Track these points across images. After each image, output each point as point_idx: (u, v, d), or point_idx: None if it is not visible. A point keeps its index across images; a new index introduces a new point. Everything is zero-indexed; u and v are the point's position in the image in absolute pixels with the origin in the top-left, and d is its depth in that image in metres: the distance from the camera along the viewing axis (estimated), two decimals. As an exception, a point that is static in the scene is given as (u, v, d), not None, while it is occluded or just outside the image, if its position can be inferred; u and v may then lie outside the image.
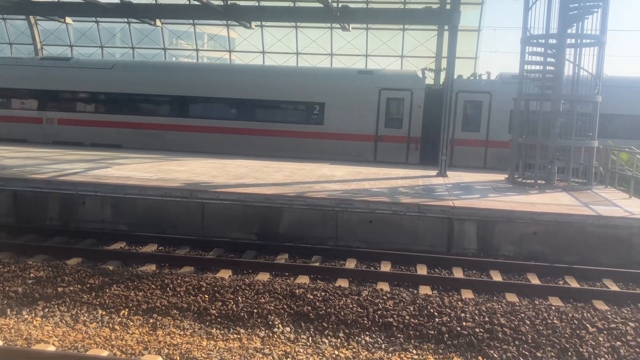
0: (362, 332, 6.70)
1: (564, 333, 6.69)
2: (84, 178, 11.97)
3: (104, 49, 27.82)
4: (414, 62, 25.31)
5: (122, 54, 28.31)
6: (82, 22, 26.79)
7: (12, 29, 28.19)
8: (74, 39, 27.90)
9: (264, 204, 10.83)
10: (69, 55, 26.58)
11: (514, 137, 14.41)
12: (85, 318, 6.80)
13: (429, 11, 17.97)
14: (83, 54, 27.57)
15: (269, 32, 26.03)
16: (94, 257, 9.34)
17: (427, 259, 9.72)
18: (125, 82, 20.90)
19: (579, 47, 13.84)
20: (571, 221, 10.21)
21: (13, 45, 28.16)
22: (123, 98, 20.87)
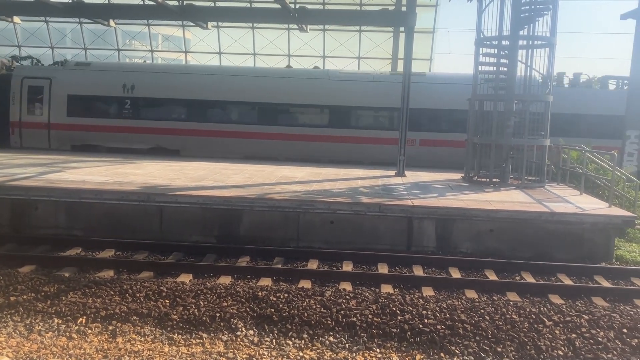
0: (326, 333, 6.71)
1: (522, 327, 6.86)
2: (37, 182, 11.59)
3: (55, 49, 27.04)
4: (371, 63, 25.61)
5: (74, 55, 27.56)
6: (31, 22, 25.97)
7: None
8: (22, 39, 27.01)
9: (223, 207, 10.73)
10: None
11: (469, 137, 14.71)
12: (41, 327, 6.58)
13: (385, 13, 18.16)
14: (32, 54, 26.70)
15: (225, 33, 25.86)
16: (49, 264, 9.04)
17: (388, 257, 9.81)
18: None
19: (530, 49, 14.24)
20: (526, 218, 10.50)
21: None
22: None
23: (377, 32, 24.91)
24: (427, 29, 24.63)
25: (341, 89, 18.91)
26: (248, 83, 19.28)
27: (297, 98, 19.13)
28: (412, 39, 15.48)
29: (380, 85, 18.87)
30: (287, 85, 19.17)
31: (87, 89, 19.60)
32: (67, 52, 29.14)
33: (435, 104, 18.70)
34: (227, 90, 19.26)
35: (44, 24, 26.18)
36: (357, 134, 18.87)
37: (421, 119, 18.47)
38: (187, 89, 19.33)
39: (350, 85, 18.98)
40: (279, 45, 25.69)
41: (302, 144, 18.98)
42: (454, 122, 18.66)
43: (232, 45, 26.10)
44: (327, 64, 25.71)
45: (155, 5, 17.39)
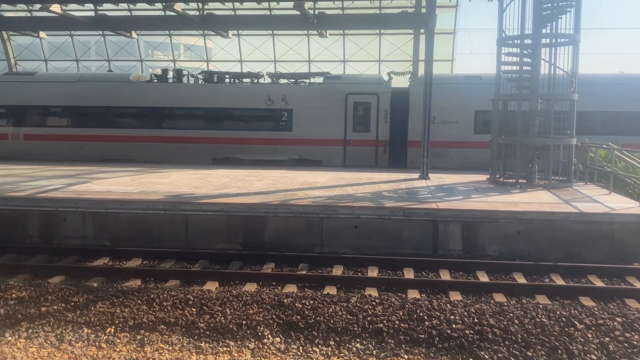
0: (353, 339, 6.67)
1: (553, 331, 6.73)
2: (64, 194, 11.79)
3: (79, 62, 27.54)
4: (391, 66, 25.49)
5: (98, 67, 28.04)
6: (57, 36, 26.50)
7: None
8: (48, 53, 27.58)
9: (247, 214, 10.77)
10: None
11: (494, 138, 14.54)
12: (71, 337, 6.67)
13: (404, 15, 18.09)
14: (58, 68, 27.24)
15: (245, 41, 26.03)
16: (77, 274, 9.17)
17: (413, 262, 9.72)
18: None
19: (554, 47, 14.03)
20: (554, 219, 10.31)
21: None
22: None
23: (398, 35, 24.80)
24: (448, 30, 24.46)
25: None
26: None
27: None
28: (433, 41, 15.41)
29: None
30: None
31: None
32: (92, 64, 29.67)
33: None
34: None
35: (68, 38, 26.68)
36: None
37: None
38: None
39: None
40: (299, 51, 25.77)
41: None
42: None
43: (253, 53, 26.27)
44: (347, 69, 25.70)
45: (176, 16, 17.61)
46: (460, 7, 23.69)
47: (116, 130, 20.38)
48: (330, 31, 21.32)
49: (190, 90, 20.53)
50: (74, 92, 20.62)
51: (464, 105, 18.79)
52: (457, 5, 23.63)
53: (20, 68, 26.84)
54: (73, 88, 20.66)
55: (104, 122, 20.50)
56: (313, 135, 19.55)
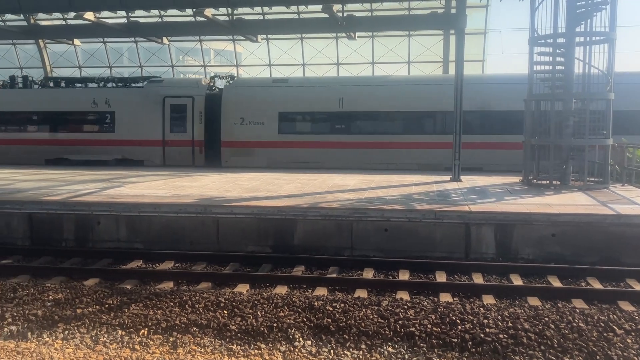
0: (384, 343, 6.61)
1: (590, 336, 6.55)
2: (98, 198, 12.01)
3: (112, 68, 28.09)
4: (421, 67, 25.32)
5: (131, 73, 28.54)
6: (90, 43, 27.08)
7: (22, 54, 28.55)
8: (82, 60, 28.20)
9: (277, 217, 10.80)
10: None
11: (526, 139, 14.29)
12: (105, 339, 6.77)
13: (434, 16, 17.95)
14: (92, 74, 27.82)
15: (275, 45, 26.16)
16: (111, 276, 9.34)
17: (445, 265, 9.61)
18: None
19: (588, 45, 13.73)
20: (590, 221, 10.07)
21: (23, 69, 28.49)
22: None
23: (427, 36, 24.62)
24: (479, 30, 24.17)
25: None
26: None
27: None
28: (463, 41, 15.24)
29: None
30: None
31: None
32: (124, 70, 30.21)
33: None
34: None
35: (102, 45, 27.24)
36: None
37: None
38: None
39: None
40: (327, 54, 25.79)
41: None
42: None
43: (282, 57, 26.40)
44: (376, 70, 25.62)
45: (206, 22, 17.82)
46: (490, 6, 23.43)
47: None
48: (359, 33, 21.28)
49: (29, 95, 21.94)
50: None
51: (270, 107, 19.84)
52: (488, 5, 23.33)
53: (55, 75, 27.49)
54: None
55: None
56: (134, 136, 20.68)
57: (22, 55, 28.57)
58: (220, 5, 17.43)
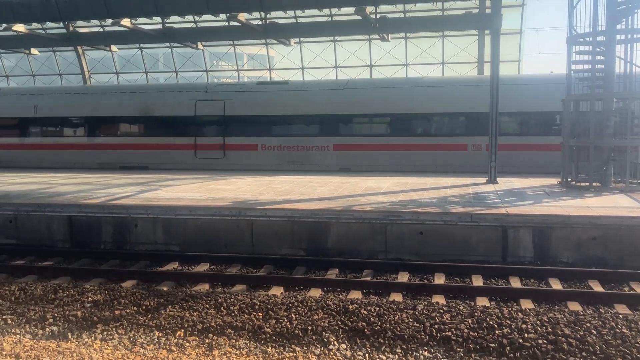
0: (420, 347, 6.53)
1: (635, 343, 6.34)
2: (135, 201, 12.22)
3: (149, 74, 28.59)
4: (455, 68, 25.00)
5: (166, 78, 29.00)
6: (127, 49, 27.61)
7: (61, 60, 29.30)
8: (119, 66, 28.79)
9: (311, 219, 10.79)
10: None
11: (565, 139, 13.96)
12: (143, 340, 6.87)
13: (469, 16, 17.68)
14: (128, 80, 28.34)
15: (307, 48, 26.21)
16: (148, 278, 9.48)
17: (482, 269, 9.45)
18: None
19: (629, 43, 13.34)
20: (632, 224, 9.77)
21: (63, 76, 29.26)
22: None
23: (461, 37, 24.30)
24: (514, 29, 23.72)
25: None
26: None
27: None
28: (499, 41, 14.98)
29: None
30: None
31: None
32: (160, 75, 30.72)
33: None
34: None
35: (138, 51, 27.75)
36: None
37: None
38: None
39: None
40: (360, 56, 25.70)
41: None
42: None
43: (314, 60, 26.42)
44: (410, 72, 25.41)
45: (239, 26, 17.95)
46: (526, 5, 22.93)
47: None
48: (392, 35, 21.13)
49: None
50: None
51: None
52: (524, 4, 22.88)
53: (94, 81, 28.14)
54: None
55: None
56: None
57: (61, 62, 29.33)
58: (253, 10, 17.53)
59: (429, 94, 19.58)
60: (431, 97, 19.36)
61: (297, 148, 20.07)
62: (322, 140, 19.85)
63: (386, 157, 19.22)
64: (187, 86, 23.32)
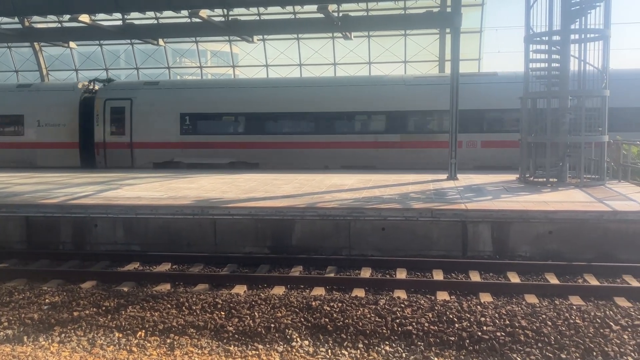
0: (382, 342, 6.61)
1: (587, 333, 6.56)
2: (95, 200, 12.00)
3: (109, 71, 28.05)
4: (418, 67, 25.32)
5: (127, 75, 28.51)
6: (86, 46, 27.04)
7: (18, 57, 28.49)
8: (78, 63, 28.16)
9: (275, 217, 10.79)
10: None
11: (523, 136, 14.30)
12: (102, 341, 6.76)
13: (430, 15, 17.95)
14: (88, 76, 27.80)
15: (271, 45, 26.14)
16: (109, 279, 9.32)
17: (442, 263, 9.62)
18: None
19: (583, 43, 13.75)
20: (587, 218, 10.08)
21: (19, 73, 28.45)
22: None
23: (423, 35, 24.62)
24: (474, 28, 24.16)
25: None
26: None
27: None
28: (459, 40, 15.24)
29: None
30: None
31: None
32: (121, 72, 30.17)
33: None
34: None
35: (98, 47, 27.20)
36: None
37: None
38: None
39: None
40: (324, 54, 25.77)
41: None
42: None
43: (279, 57, 26.38)
44: (373, 70, 25.62)
45: (201, 23, 17.79)
46: (486, 5, 23.39)
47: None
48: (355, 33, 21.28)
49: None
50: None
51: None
52: (483, 4, 23.33)
53: (52, 79, 27.46)
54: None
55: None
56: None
57: (17, 58, 28.52)
58: (215, 6, 17.41)
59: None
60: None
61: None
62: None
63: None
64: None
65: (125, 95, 20.79)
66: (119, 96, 20.86)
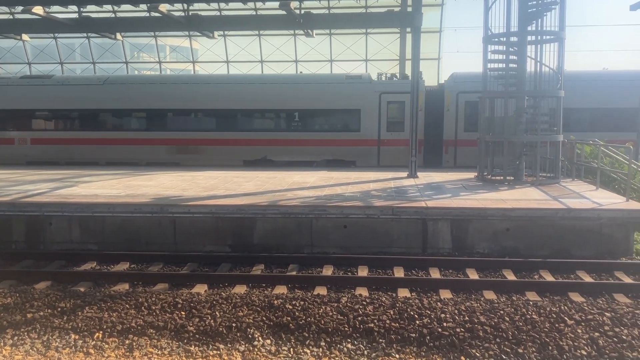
0: (344, 340, 6.64)
1: (543, 327, 6.74)
2: (50, 198, 11.63)
3: (64, 65, 27.27)
4: (378, 65, 25.53)
5: (83, 69, 27.79)
6: (40, 39, 26.22)
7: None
8: (31, 56, 27.28)
9: (236, 215, 10.69)
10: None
11: (481, 135, 14.58)
12: (58, 344, 6.57)
13: (390, 14, 18.09)
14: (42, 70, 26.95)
15: (232, 41, 25.92)
16: (64, 279, 9.05)
17: (403, 261, 9.71)
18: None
19: (539, 44, 14.09)
20: (542, 215, 10.35)
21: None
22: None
23: (384, 34, 24.84)
24: (434, 28, 24.52)
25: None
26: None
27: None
28: (419, 39, 15.41)
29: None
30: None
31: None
32: (76, 67, 29.40)
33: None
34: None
35: (52, 41, 26.41)
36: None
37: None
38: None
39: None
40: (285, 51, 25.71)
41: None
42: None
43: (240, 54, 26.18)
44: (334, 68, 25.69)
45: (160, 17, 17.46)
46: (446, 5, 23.81)
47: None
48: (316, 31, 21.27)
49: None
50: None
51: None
52: (443, 4, 23.70)
53: (2, 72, 26.51)
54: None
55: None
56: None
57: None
58: (175, 1, 17.11)
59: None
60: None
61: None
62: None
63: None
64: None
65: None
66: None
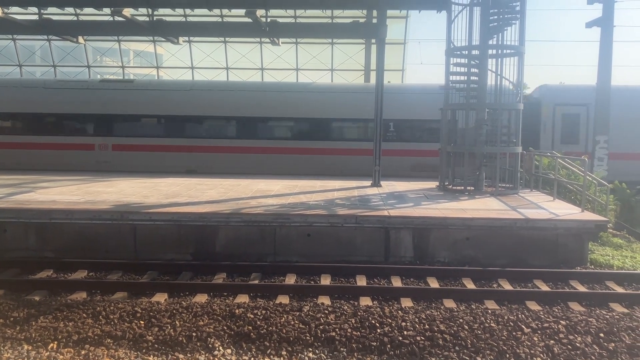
0: (305, 349, 6.63)
1: (501, 336, 6.87)
2: (5, 204, 11.29)
3: (23, 67, 26.59)
4: (344, 75, 25.71)
5: (43, 73, 27.14)
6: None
7: None
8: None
9: (198, 223, 10.59)
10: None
11: (443, 146, 14.82)
12: (9, 355, 6.36)
13: (356, 25, 18.24)
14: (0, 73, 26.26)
15: (197, 48, 25.73)
16: (18, 288, 8.78)
17: (366, 269, 9.77)
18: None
19: (500, 58, 14.44)
20: (501, 225, 10.57)
21: None
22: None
23: (350, 45, 25.04)
24: (398, 40, 24.85)
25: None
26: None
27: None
28: (384, 51, 15.59)
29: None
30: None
31: None
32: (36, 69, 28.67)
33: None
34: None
35: (11, 42, 25.73)
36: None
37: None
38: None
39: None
40: (251, 59, 25.66)
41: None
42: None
43: (205, 60, 25.98)
44: (300, 77, 25.75)
45: (124, 21, 17.21)
46: (410, 17, 24.12)
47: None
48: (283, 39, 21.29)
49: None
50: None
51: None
52: (408, 16, 24.03)
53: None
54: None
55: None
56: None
57: None
58: (139, 6, 16.89)
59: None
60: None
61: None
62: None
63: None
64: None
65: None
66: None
